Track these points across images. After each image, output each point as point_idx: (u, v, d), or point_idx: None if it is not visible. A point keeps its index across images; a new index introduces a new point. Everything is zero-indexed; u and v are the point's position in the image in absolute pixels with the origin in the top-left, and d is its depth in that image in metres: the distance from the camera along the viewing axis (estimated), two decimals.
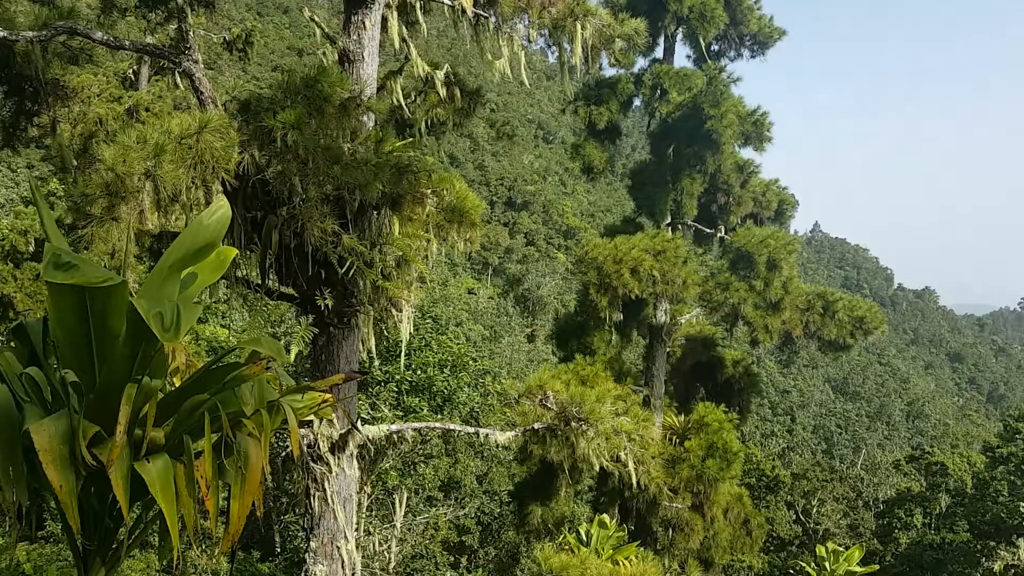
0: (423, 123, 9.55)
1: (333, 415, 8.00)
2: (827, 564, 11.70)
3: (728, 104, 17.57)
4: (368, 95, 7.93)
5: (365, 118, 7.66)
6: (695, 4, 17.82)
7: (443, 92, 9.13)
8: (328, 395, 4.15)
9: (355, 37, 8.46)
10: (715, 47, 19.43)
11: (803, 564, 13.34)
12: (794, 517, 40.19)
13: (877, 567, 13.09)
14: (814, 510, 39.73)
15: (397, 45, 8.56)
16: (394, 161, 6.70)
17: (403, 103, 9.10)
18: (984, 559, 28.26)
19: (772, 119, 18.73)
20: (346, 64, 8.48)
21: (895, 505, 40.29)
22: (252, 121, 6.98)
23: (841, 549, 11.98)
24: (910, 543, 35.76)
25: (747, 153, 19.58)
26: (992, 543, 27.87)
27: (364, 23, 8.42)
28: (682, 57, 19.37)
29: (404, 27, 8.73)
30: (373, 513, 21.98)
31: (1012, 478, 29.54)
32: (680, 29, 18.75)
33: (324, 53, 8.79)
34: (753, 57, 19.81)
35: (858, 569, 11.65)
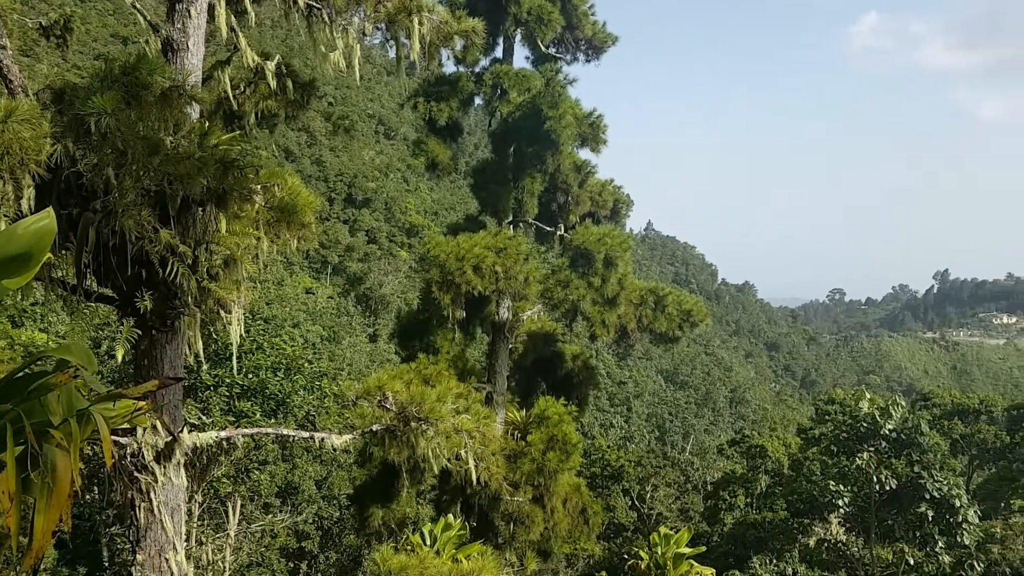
0: (253, 115, 9.17)
1: (157, 422, 7.57)
2: (659, 549, 12.24)
3: (566, 106, 18.01)
4: (193, 85, 7.54)
5: (189, 109, 7.28)
6: (532, 6, 18.14)
7: (274, 84, 8.80)
8: (144, 403, 3.91)
9: (179, 25, 8.03)
10: (553, 50, 19.85)
11: (637, 549, 13.88)
12: (630, 503, 41.93)
13: (704, 548, 13.81)
14: (648, 496, 41.58)
15: (225, 34, 8.18)
16: (220, 155, 6.39)
17: (231, 94, 8.71)
18: (800, 535, 30.33)
19: (607, 122, 19.43)
20: (170, 53, 8.04)
21: (720, 487, 42.80)
22: (67, 111, 6.50)
23: (672, 533, 12.56)
24: (734, 523, 38.04)
25: (584, 154, 20.18)
26: (807, 520, 29.96)
27: (189, 11, 8.01)
28: (521, 58, 19.69)
29: (233, 16, 8.36)
30: (206, 522, 21.05)
31: (823, 457, 31.92)
32: (519, 31, 19.04)
33: (147, 42, 8.30)
34: (588, 61, 20.38)
35: (686, 551, 12.25)
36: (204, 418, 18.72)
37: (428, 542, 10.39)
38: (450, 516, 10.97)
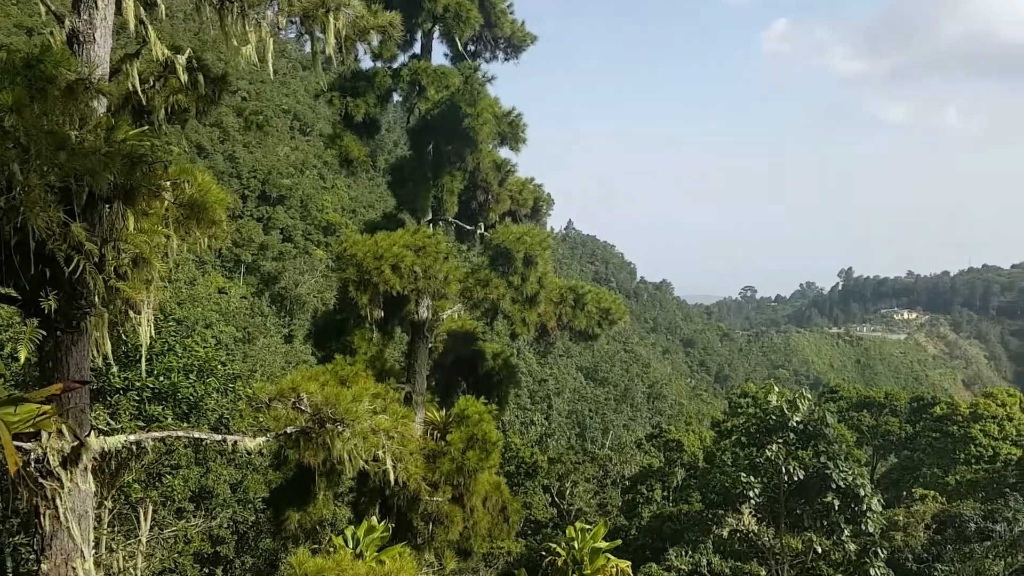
0: (163, 110, 8.91)
1: (63, 426, 7.31)
2: (575, 543, 12.41)
3: (484, 104, 17.99)
4: (99, 78, 7.29)
5: (96, 103, 7.04)
6: (450, 3, 18.08)
7: (185, 78, 8.56)
8: (48, 407, 3.79)
9: (85, 17, 7.75)
10: (471, 47, 19.84)
11: (554, 545, 14.01)
12: (550, 500, 42.35)
13: (620, 542, 14.04)
14: (568, 491, 42.08)
15: (132, 26, 7.93)
16: (127, 150, 6.20)
17: (140, 88, 8.44)
18: (715, 526, 31.15)
19: (527, 120, 19.52)
20: (76, 45, 7.76)
21: (638, 481, 43.67)
22: None
23: (589, 527, 12.75)
24: (651, 516, 38.85)
25: (504, 153, 20.22)
26: (720, 511, 30.77)
27: (95, 1, 7.75)
28: (440, 55, 19.63)
29: (142, 8, 8.11)
30: (116, 529, 20.36)
31: (735, 449, 32.82)
32: (437, 27, 18.96)
33: (52, 33, 7.99)
34: (507, 60, 20.40)
35: (602, 545, 12.46)
36: (113, 423, 18.09)
37: (351, 544, 10.30)
38: (373, 519, 10.89)
